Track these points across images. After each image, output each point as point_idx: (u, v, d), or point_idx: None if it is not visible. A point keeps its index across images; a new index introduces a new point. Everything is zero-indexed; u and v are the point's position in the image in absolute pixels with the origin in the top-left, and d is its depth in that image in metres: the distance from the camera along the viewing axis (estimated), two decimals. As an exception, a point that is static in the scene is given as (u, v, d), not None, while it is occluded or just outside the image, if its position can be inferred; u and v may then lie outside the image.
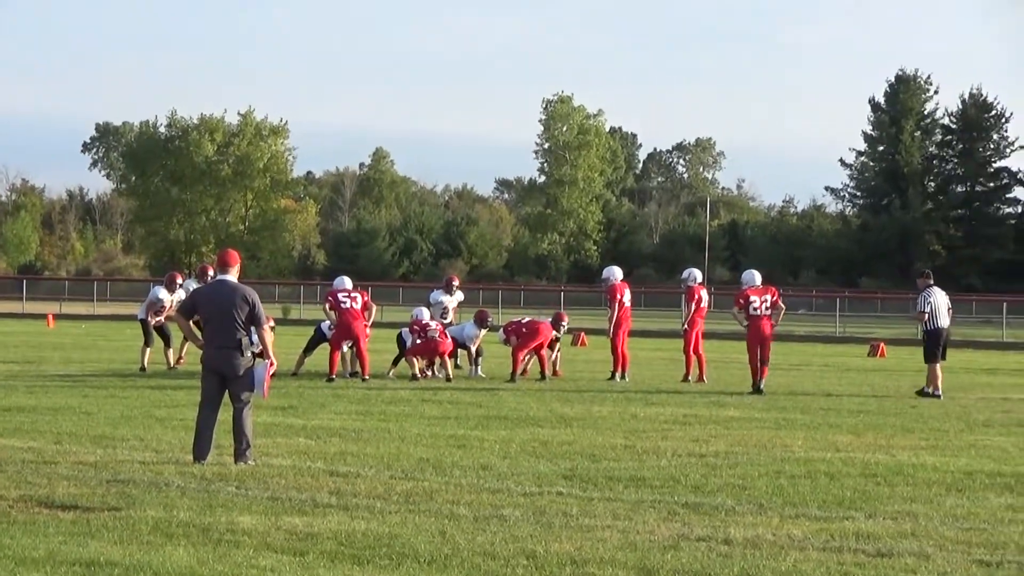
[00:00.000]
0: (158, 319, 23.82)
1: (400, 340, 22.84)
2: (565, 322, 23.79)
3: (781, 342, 33.09)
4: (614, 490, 10.97)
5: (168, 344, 23.95)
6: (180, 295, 23.37)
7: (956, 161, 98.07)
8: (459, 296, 25.25)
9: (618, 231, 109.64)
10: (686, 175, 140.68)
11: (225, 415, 12.25)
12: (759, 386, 21.11)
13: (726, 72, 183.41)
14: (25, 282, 65.46)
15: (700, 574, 8.10)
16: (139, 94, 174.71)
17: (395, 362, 23.11)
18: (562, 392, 20.60)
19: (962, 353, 33.75)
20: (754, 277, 22.27)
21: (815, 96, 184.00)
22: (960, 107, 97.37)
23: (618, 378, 23.02)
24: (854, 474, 12.08)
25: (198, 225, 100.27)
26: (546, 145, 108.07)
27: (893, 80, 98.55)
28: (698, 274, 24.02)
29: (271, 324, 14.73)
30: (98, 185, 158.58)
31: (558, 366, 23.95)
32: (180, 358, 24.10)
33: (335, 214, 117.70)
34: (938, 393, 20.89)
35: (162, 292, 24.01)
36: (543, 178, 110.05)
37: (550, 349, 23.40)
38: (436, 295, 24.92)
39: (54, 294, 66.08)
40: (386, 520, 9.51)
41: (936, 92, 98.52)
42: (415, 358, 22.40)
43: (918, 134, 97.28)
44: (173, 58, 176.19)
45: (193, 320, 13.14)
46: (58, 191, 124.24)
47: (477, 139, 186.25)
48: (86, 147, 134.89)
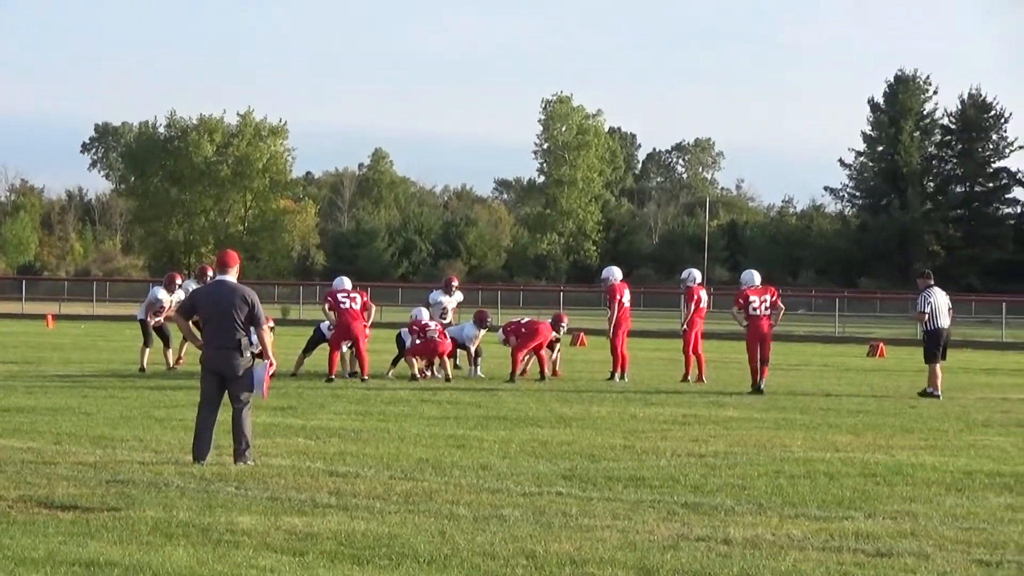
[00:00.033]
0: (157, 319, 23.82)
1: (399, 340, 22.85)
2: (565, 323, 23.80)
3: (780, 342, 33.08)
4: (613, 490, 10.97)
5: (167, 345, 23.94)
6: (179, 295, 23.36)
7: (955, 161, 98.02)
8: (458, 296, 25.25)
9: (617, 231, 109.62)
10: (685, 175, 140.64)
11: (224, 415, 12.25)
12: (760, 386, 21.12)
13: (725, 72, 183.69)
14: (24, 282, 65.49)
15: (699, 574, 8.10)
16: (138, 94, 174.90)
17: (394, 362, 23.12)
18: (561, 392, 20.60)
19: (961, 353, 33.74)
20: (753, 277, 22.28)
21: (814, 96, 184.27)
22: (959, 107, 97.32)
23: (617, 378, 23.02)
24: (853, 474, 12.08)
25: (197, 226, 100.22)
26: (545, 145, 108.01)
27: (892, 80, 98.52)
28: (697, 274, 24.02)
29: (270, 324, 14.73)
30: (97, 185, 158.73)
31: (558, 366, 23.96)
32: (179, 358, 24.11)
33: (334, 214, 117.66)
34: (937, 393, 20.90)
35: (161, 292, 24.00)
36: (542, 178, 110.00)
37: (550, 349, 23.41)
38: (435, 295, 24.93)
39: (53, 294, 66.11)
40: (386, 520, 9.51)
41: (935, 92, 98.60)
42: (414, 358, 22.40)
43: (917, 134, 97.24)
44: (172, 58, 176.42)
45: (192, 320, 13.14)
46: (57, 191, 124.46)
47: (476, 139, 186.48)
48: (85, 147, 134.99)
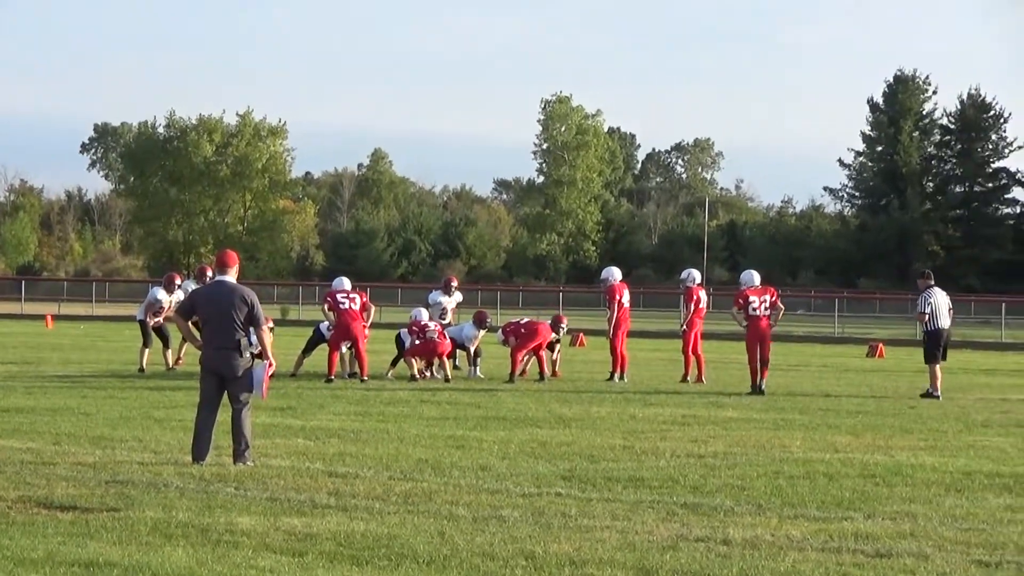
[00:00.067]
0: (157, 320, 23.82)
1: (399, 341, 22.85)
2: (564, 324, 23.81)
3: (780, 342, 33.07)
4: (613, 491, 10.97)
5: (167, 345, 23.94)
6: (179, 296, 23.36)
7: (955, 161, 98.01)
8: (458, 297, 25.26)
9: (617, 231, 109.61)
10: (685, 175, 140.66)
11: (224, 416, 12.25)
12: (760, 387, 21.11)
13: (725, 72, 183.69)
14: (24, 283, 65.54)
15: (699, 574, 8.10)
16: (138, 94, 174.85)
17: (394, 363, 23.12)
18: (561, 393, 20.59)
19: (961, 353, 33.73)
20: (753, 277, 22.28)
21: (814, 96, 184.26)
22: (959, 107, 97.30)
23: (617, 379, 23.02)
24: (853, 475, 12.08)
25: (196, 226, 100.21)
26: (544, 145, 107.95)
27: (892, 80, 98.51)
28: (697, 275, 24.01)
29: (270, 325, 14.73)
30: (97, 186, 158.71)
31: (557, 367, 23.95)
32: (179, 359, 24.10)
33: (334, 215, 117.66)
34: (937, 394, 20.89)
35: (161, 293, 24.00)
36: (542, 178, 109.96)
37: (550, 351, 23.41)
38: (435, 296, 24.93)
39: (53, 295, 66.11)
40: (385, 521, 9.51)
41: (935, 92, 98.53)
42: (414, 359, 22.40)
43: (916, 134, 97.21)
44: (172, 58, 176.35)
45: (192, 321, 13.14)
46: (57, 192, 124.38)
47: (476, 139, 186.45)
48: (85, 148, 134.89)
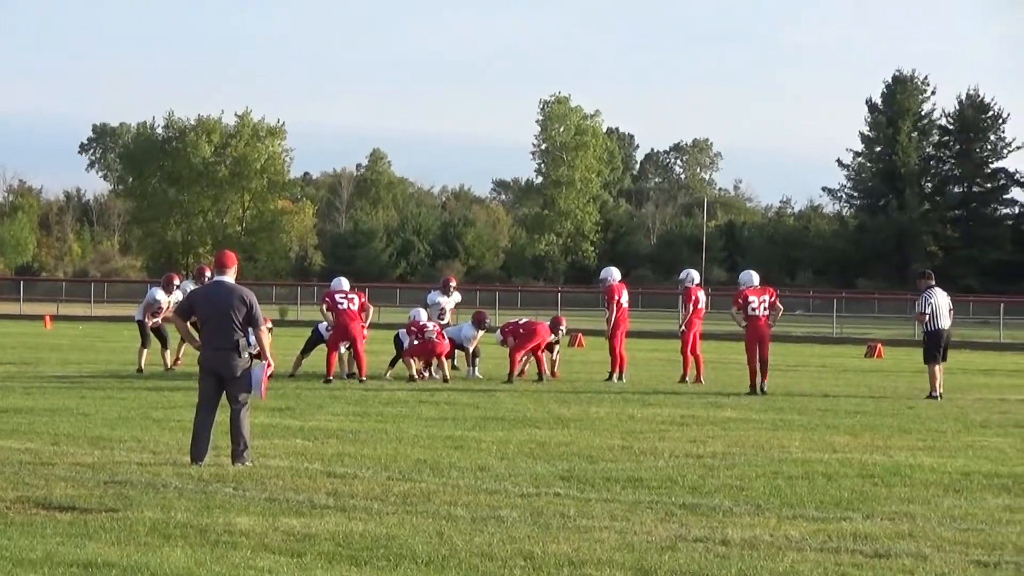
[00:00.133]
0: (155, 320, 23.82)
1: (397, 341, 22.85)
2: (563, 326, 23.81)
3: (778, 343, 33.07)
4: (611, 491, 10.97)
5: (165, 345, 23.93)
6: (177, 296, 23.36)
7: (953, 162, 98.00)
8: (456, 297, 25.26)
9: (615, 232, 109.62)
10: (683, 176, 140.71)
11: (222, 416, 12.25)
12: (761, 387, 21.11)
13: (724, 72, 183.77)
14: (22, 283, 65.54)
15: (697, 575, 8.10)
16: (136, 95, 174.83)
17: (392, 363, 23.12)
18: (559, 393, 20.59)
19: (959, 354, 33.70)
20: (752, 278, 22.28)
21: (813, 97, 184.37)
22: (957, 108, 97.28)
23: (615, 379, 23.02)
24: (851, 475, 12.08)
25: (195, 226, 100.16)
26: (543, 146, 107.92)
27: (890, 81, 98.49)
28: (695, 275, 24.01)
29: (268, 325, 14.73)
30: (95, 186, 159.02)
31: (556, 367, 23.95)
32: (177, 359, 24.10)
33: (332, 215, 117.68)
34: (935, 394, 20.89)
35: (159, 293, 23.99)
36: (540, 179, 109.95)
37: (549, 352, 23.41)
38: (433, 296, 24.94)
39: (51, 295, 66.11)
40: (383, 521, 9.51)
41: (933, 93, 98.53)
42: (412, 359, 22.40)
43: (915, 135, 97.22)
44: (171, 59, 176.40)
45: (191, 321, 13.14)
46: (55, 192, 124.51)
47: (475, 140, 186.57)
48: (83, 148, 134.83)
